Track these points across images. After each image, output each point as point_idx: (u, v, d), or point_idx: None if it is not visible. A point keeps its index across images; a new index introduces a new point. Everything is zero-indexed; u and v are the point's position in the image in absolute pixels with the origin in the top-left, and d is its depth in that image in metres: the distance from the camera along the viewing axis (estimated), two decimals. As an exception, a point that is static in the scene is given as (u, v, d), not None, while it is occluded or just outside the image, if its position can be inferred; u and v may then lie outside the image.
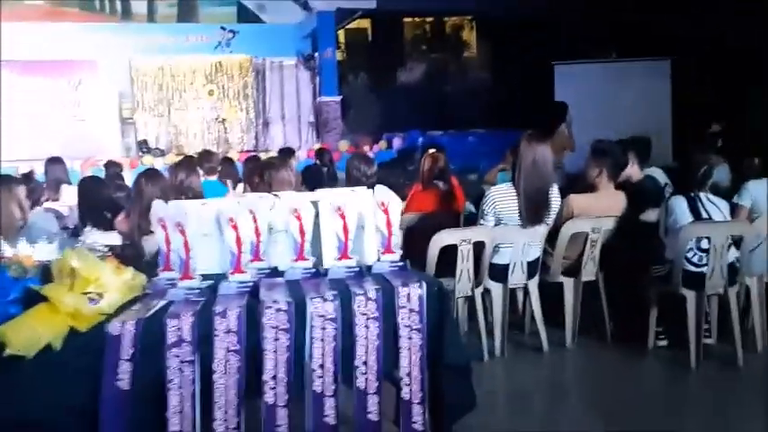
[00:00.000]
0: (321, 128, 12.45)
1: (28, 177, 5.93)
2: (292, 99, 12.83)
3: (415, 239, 4.10)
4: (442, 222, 4.23)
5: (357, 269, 2.37)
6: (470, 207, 4.85)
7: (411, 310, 2.19)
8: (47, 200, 5.67)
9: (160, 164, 9.55)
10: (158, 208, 2.29)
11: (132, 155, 11.71)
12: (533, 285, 3.97)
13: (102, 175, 6.58)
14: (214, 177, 5.79)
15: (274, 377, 2.07)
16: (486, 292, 3.97)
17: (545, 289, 4.05)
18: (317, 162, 7.24)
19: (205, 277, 2.33)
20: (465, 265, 3.76)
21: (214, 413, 2.02)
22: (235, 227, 2.27)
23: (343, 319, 2.13)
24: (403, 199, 4.86)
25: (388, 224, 2.39)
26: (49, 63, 11.75)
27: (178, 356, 2.01)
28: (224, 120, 12.39)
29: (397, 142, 11.31)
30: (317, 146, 10.11)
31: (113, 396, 1.96)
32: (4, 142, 10.72)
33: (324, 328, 2.11)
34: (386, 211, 2.38)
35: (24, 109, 11.41)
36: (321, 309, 2.11)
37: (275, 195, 2.60)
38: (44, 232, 3.12)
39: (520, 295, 4.28)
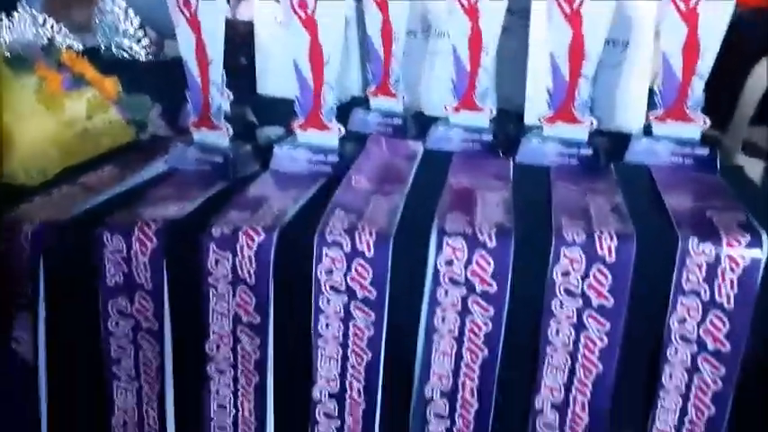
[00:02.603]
0: None
1: None
2: None
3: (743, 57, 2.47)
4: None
5: (589, 151, 0.99)
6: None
7: (711, 305, 0.81)
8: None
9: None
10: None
11: None
12: None
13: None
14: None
15: (338, 395, 0.88)
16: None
17: None
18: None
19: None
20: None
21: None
22: (309, 20, 0.98)
23: (522, 296, 0.82)
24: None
25: (691, 42, 0.94)
26: None
27: (131, 318, 0.89)
28: None
29: None
30: None
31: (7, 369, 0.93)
32: None
33: (467, 312, 0.83)
34: (690, 15, 0.92)
35: None
36: (460, 264, 0.82)
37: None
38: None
39: None
